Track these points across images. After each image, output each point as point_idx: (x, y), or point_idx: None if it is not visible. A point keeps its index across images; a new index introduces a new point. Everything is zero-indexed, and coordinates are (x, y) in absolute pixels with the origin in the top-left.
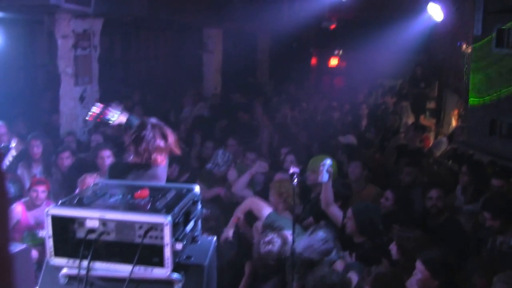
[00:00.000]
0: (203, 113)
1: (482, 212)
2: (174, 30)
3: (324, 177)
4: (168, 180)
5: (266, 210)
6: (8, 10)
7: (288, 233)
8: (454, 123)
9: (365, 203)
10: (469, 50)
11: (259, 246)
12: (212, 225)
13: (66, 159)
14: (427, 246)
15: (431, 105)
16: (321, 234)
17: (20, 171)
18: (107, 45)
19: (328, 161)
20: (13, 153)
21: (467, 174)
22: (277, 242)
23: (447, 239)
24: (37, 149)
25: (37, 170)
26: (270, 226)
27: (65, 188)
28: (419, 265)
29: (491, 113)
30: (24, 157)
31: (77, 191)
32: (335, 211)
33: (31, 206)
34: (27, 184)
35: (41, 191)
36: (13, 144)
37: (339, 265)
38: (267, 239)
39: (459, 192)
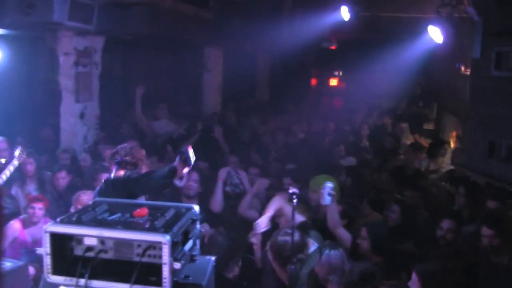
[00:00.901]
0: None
1: (481, 230)
2: (174, 49)
3: (326, 200)
4: None
5: (299, 217)
6: (10, 27)
7: (311, 242)
8: (452, 145)
9: (378, 223)
10: (468, 73)
11: (278, 234)
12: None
13: (62, 180)
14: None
15: (429, 126)
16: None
17: (14, 188)
18: (107, 63)
19: (329, 184)
20: (11, 167)
21: (464, 195)
22: (297, 237)
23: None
24: (31, 166)
25: (31, 187)
26: (300, 228)
27: (61, 206)
28: (413, 276)
29: (489, 135)
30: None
31: (72, 208)
32: (343, 233)
33: (28, 223)
34: (22, 202)
35: (38, 208)
36: (16, 156)
37: None
38: (289, 230)
39: None
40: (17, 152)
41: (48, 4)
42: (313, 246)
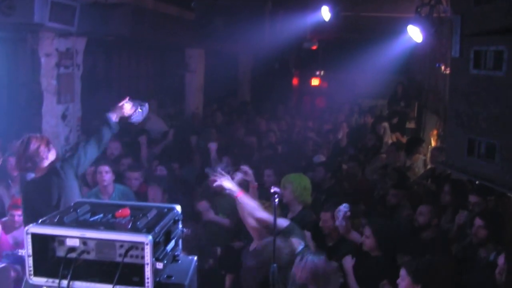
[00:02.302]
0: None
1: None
2: (156, 50)
3: (341, 222)
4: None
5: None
6: None
7: (298, 241)
8: (433, 143)
9: (381, 220)
10: (448, 72)
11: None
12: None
13: None
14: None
15: (411, 125)
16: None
17: (2, 194)
18: (89, 64)
19: (344, 207)
20: None
21: (449, 193)
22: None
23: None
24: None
25: (16, 189)
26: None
27: None
28: (402, 272)
29: (469, 133)
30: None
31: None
32: (355, 236)
33: (10, 227)
34: (6, 203)
35: (17, 215)
36: None
37: None
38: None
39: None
40: None
41: (29, 5)
42: (300, 245)
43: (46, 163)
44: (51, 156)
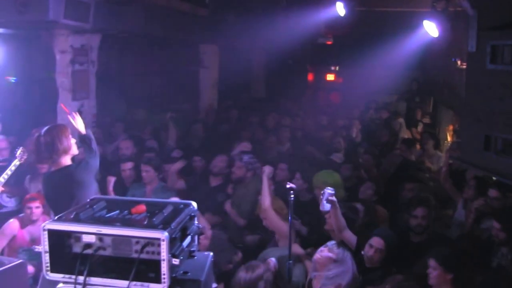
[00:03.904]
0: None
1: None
2: (170, 46)
3: (325, 206)
4: None
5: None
6: (6, 26)
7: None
8: (449, 138)
9: (391, 233)
10: (464, 67)
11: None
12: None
13: None
14: None
15: (426, 120)
16: None
17: (27, 183)
18: (104, 61)
19: (329, 190)
20: (13, 167)
21: (473, 188)
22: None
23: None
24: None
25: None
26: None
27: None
28: (432, 262)
29: (485, 129)
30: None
31: None
32: (349, 236)
33: (26, 222)
34: None
35: (35, 207)
36: (17, 155)
37: None
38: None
39: (460, 205)
40: (18, 152)
41: (43, 2)
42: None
43: (65, 155)
44: (72, 147)
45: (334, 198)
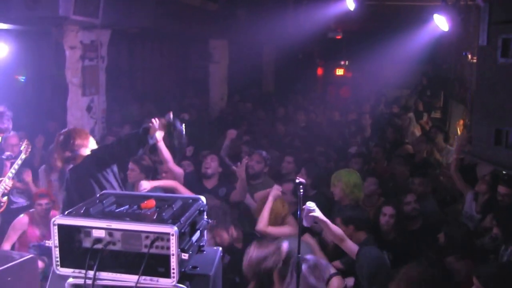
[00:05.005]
0: None
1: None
2: (180, 41)
3: (305, 223)
4: None
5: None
6: (16, 22)
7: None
8: (459, 133)
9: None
10: (474, 60)
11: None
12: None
13: None
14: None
15: (437, 115)
16: None
17: (41, 174)
18: (113, 56)
19: (308, 205)
20: (19, 161)
21: (487, 182)
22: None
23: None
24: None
25: (55, 176)
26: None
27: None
28: (475, 281)
29: (496, 123)
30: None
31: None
32: (350, 245)
33: (37, 217)
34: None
35: (44, 203)
36: (23, 150)
37: None
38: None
39: (470, 198)
40: (23, 146)
41: None
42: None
43: (83, 153)
44: (89, 147)
45: (316, 214)
